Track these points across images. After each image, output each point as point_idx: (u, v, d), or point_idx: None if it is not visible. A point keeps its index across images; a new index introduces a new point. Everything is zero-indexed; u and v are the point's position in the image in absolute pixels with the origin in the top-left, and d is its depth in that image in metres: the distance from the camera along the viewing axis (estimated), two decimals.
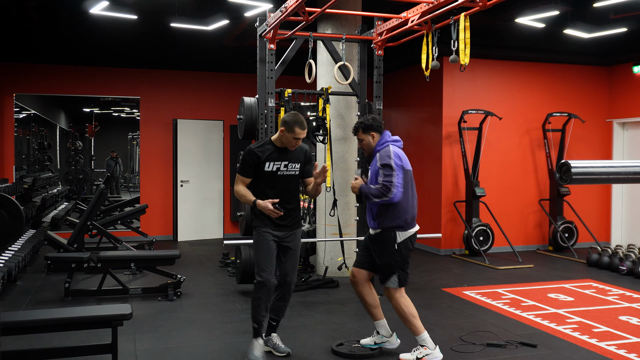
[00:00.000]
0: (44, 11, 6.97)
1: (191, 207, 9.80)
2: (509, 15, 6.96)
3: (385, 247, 4.06)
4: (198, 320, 5.06)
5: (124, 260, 6.09)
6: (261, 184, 4.05)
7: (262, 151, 4.01)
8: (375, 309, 4.27)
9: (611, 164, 3.95)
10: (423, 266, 7.59)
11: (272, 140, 4.09)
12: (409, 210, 4.09)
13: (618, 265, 7.10)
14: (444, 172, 8.42)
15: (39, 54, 9.04)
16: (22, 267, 6.38)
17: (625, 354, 4.22)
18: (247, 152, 4.03)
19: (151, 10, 6.88)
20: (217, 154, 10.01)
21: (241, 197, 4.07)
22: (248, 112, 5.94)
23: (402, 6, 5.39)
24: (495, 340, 4.49)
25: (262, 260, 4.00)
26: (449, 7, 4.51)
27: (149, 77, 9.70)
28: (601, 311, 5.38)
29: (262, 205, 3.93)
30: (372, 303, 4.26)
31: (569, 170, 2.82)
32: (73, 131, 16.29)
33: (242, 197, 4.06)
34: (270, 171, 4.01)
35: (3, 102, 9.16)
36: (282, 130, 3.98)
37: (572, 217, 8.72)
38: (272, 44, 5.61)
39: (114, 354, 3.55)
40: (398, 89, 9.57)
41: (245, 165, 4.03)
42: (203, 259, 8.01)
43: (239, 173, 4.09)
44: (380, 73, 5.95)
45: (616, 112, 9.11)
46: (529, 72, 8.84)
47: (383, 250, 4.08)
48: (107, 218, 9.03)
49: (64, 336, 4.36)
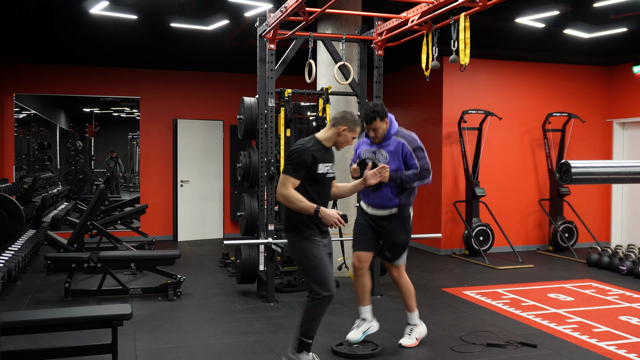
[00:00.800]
0: (44, 11, 6.97)
1: (191, 207, 9.80)
2: (509, 15, 6.97)
3: (404, 224, 4.23)
4: (198, 320, 5.06)
5: (124, 260, 6.09)
6: (309, 187, 3.65)
7: (316, 151, 3.65)
8: (368, 294, 4.41)
9: (611, 164, 3.95)
10: (423, 266, 7.59)
11: (320, 139, 3.73)
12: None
13: (618, 265, 7.10)
14: (444, 172, 8.42)
15: (39, 54, 9.04)
16: (22, 267, 6.38)
17: (625, 354, 4.22)
18: (302, 151, 3.61)
19: (151, 10, 6.88)
20: (217, 154, 10.01)
21: (294, 202, 3.58)
22: (248, 112, 5.94)
23: (402, 6, 5.39)
24: (495, 340, 4.48)
25: (325, 272, 3.62)
26: (449, 7, 4.50)
27: (149, 77, 9.70)
28: (601, 311, 5.38)
29: (329, 214, 3.56)
30: (369, 287, 4.40)
31: (569, 170, 2.82)
32: (73, 131, 16.29)
33: (295, 203, 3.58)
34: (321, 174, 3.67)
35: (3, 102, 9.16)
36: (343, 129, 3.68)
37: (572, 217, 8.72)
38: (272, 44, 5.61)
39: (114, 354, 3.55)
40: (398, 89, 9.57)
41: (299, 166, 3.59)
42: (203, 259, 8.01)
43: (289, 174, 3.60)
44: (380, 73, 5.95)
45: (616, 112, 9.11)
46: (529, 72, 8.84)
47: (401, 228, 4.23)
48: (107, 218, 9.04)
49: (64, 336, 4.36)
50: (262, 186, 5.81)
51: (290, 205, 3.61)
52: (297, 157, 3.60)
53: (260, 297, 5.82)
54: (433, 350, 4.31)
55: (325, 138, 3.73)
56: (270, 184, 5.66)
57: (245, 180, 6.13)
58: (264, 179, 5.77)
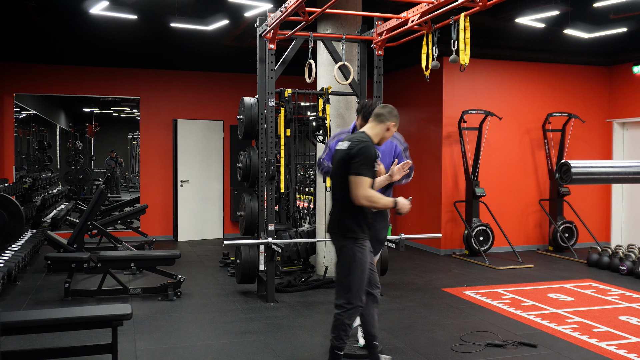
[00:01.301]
0: (44, 11, 6.97)
1: (191, 207, 9.80)
2: (509, 15, 6.96)
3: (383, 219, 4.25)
4: (198, 320, 5.06)
5: (124, 260, 6.10)
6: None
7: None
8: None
9: (611, 164, 3.96)
10: (423, 266, 7.59)
11: (370, 135, 3.61)
12: None
13: (618, 265, 7.10)
14: (444, 172, 8.42)
15: (39, 54, 9.04)
16: (22, 267, 6.38)
17: (625, 354, 4.22)
18: (370, 148, 3.49)
19: (151, 10, 6.88)
20: (217, 154, 10.01)
21: (378, 201, 3.46)
22: (248, 112, 5.94)
23: (402, 6, 5.39)
24: (495, 340, 4.49)
25: (362, 282, 3.55)
26: (449, 7, 4.50)
27: (149, 77, 9.71)
28: (601, 311, 5.38)
29: (404, 203, 3.53)
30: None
31: (569, 170, 2.82)
32: (73, 131, 16.29)
33: (380, 202, 3.47)
34: (376, 171, 3.63)
35: (3, 102, 9.16)
36: (392, 124, 3.63)
37: (572, 217, 8.72)
38: (272, 44, 5.61)
39: (114, 354, 3.55)
40: (398, 89, 9.57)
41: (371, 165, 3.47)
42: (203, 259, 8.01)
43: (364, 175, 3.42)
44: (380, 73, 5.95)
45: (616, 112, 9.11)
46: (529, 72, 8.84)
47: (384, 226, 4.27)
48: (107, 218, 9.04)
49: (64, 336, 4.37)
50: (262, 186, 5.81)
51: (375, 205, 3.48)
52: (367, 157, 3.45)
53: (260, 297, 5.82)
54: (433, 349, 4.31)
55: (374, 134, 3.62)
56: (270, 184, 5.66)
57: (245, 180, 6.13)
58: (264, 179, 5.77)
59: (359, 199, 3.42)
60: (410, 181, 4.33)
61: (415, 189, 8.88)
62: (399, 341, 4.49)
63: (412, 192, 8.56)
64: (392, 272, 6.91)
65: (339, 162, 3.57)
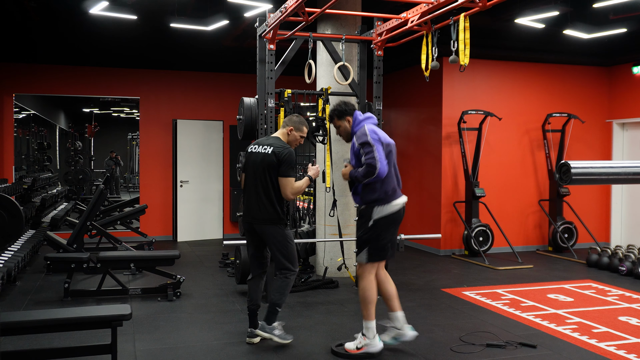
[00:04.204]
0: (44, 11, 6.97)
1: (191, 208, 9.80)
2: (508, 16, 6.96)
3: (363, 222, 4.15)
4: (198, 321, 5.06)
5: (124, 261, 6.09)
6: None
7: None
8: (392, 299, 4.27)
9: (611, 164, 3.96)
10: (423, 266, 7.59)
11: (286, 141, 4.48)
12: (389, 182, 4.11)
13: (618, 266, 7.11)
14: (443, 173, 8.42)
15: (39, 54, 9.04)
16: (21, 267, 6.38)
17: (625, 354, 4.22)
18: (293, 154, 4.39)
19: (151, 10, 6.88)
20: (216, 154, 10.01)
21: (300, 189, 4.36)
22: (248, 112, 5.93)
23: (402, 6, 5.39)
24: (495, 340, 4.49)
25: (295, 253, 4.44)
26: (449, 7, 4.51)
27: (149, 77, 9.71)
28: (601, 312, 5.39)
29: (313, 169, 4.52)
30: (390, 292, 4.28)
31: (568, 171, 2.82)
32: (73, 131, 16.30)
33: (302, 188, 4.37)
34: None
35: (3, 102, 9.16)
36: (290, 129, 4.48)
37: (572, 218, 8.72)
38: (272, 45, 5.61)
39: (114, 354, 3.55)
40: (398, 90, 9.57)
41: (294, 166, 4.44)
42: (203, 259, 8.01)
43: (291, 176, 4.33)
44: (380, 73, 5.95)
45: (616, 112, 9.12)
46: (529, 72, 8.84)
47: (360, 225, 4.18)
48: (107, 218, 9.04)
49: (64, 336, 4.37)
50: None
51: (299, 193, 4.39)
52: (293, 160, 4.34)
53: None
54: (433, 350, 4.31)
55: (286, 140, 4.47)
56: None
57: None
58: None
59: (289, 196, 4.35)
60: (402, 182, 4.28)
61: (415, 189, 8.88)
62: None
63: (412, 192, 8.56)
64: (391, 272, 6.84)
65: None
